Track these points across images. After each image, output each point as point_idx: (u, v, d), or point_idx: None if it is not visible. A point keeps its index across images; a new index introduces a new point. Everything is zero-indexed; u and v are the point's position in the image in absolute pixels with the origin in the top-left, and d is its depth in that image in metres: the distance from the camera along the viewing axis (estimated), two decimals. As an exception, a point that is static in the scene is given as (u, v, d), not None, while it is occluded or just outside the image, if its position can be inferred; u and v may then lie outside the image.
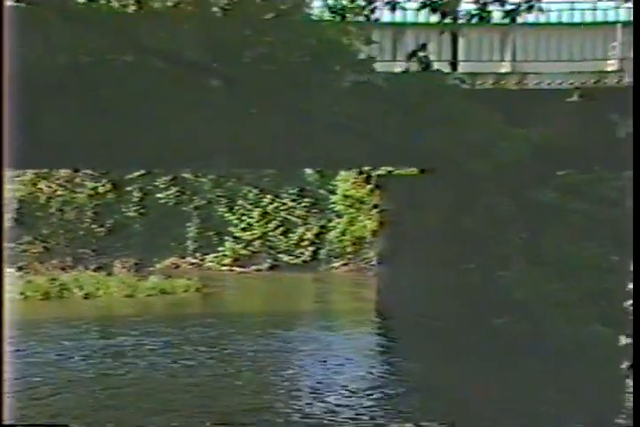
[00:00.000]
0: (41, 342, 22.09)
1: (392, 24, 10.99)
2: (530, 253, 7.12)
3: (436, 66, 15.01)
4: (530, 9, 8.14)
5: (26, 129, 12.28)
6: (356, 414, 15.14)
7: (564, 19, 16.34)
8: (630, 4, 8.11)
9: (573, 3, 15.19)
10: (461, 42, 15.36)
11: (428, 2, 8.16)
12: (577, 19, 16.22)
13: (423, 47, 7.90)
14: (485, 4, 8.21)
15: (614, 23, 15.40)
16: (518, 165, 6.91)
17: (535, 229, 7.08)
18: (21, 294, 29.04)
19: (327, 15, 8.80)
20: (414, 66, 12.72)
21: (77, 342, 21.78)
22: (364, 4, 8.20)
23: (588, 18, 15.59)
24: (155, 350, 20.81)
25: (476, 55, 16.41)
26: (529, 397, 14.74)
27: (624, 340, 6.95)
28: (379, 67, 12.28)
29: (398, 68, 14.91)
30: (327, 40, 7.83)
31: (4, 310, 5.29)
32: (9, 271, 32.75)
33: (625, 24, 13.56)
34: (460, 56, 16.42)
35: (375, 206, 28.03)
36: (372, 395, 16.34)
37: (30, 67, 8.37)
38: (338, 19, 8.57)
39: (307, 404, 15.75)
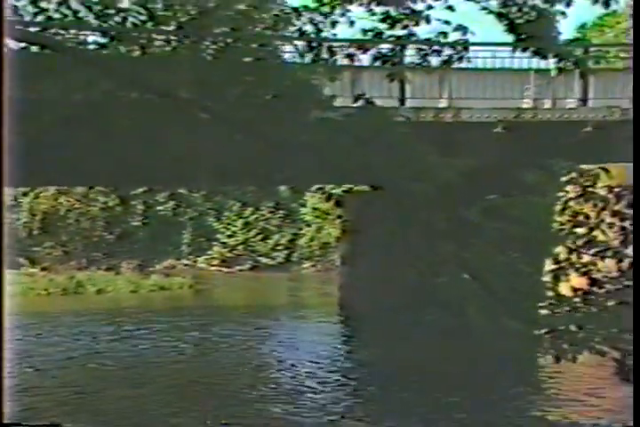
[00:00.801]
0: (59, 327, 22.24)
1: (352, 67, 11.04)
2: (457, 262, 7.16)
3: (388, 101, 15.20)
4: (460, 59, 8.24)
5: (47, 153, 12.28)
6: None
7: (489, 65, 16.58)
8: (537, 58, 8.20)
9: (495, 52, 15.38)
10: (409, 81, 15.48)
11: (378, 55, 8.28)
12: (498, 65, 16.46)
13: (362, 95, 7.94)
14: (426, 55, 8.31)
15: (528, 70, 15.63)
16: (451, 188, 6.95)
17: (462, 242, 7.12)
18: (45, 290, 29.02)
19: (298, 59, 8.84)
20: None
21: (87, 328, 21.99)
22: (327, 56, 8.31)
23: (507, 65, 15.79)
24: (149, 334, 21.06)
25: (419, 93, 16.57)
26: (447, 365, 15.21)
27: (534, 331, 7.02)
28: (340, 102, 12.40)
29: (356, 103, 15.06)
30: (297, 81, 7.85)
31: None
32: (33, 271, 32.67)
33: (537, 71, 13.75)
34: (407, 94, 16.58)
35: (339, 217, 28.07)
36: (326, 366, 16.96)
37: (50, 102, 8.36)
38: (308, 62, 8.63)
39: (264, 376, 16.15)
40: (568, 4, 7.47)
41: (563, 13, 7.59)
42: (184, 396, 14.38)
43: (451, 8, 7.89)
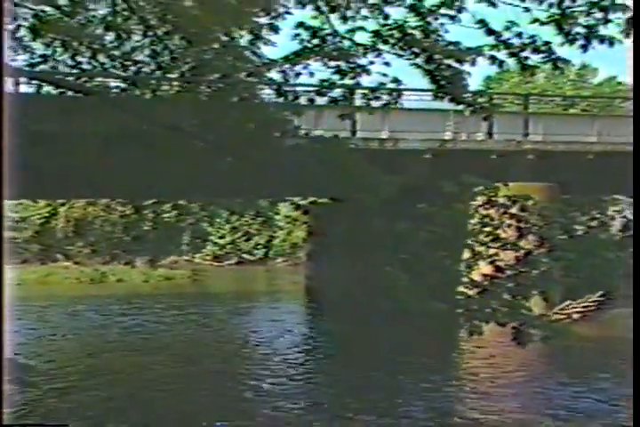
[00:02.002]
0: (86, 306, 22.37)
1: (314, 106, 11.05)
2: (396, 257, 7.20)
3: (342, 133, 15.22)
4: (396, 102, 8.36)
5: (77, 173, 12.21)
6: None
7: (419, 106, 16.70)
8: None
9: (423, 96, 15.46)
10: (358, 118, 15.52)
11: (333, 99, 8.39)
12: (426, 106, 16.57)
13: (308, 134, 7.98)
14: (369, 99, 8.42)
15: (448, 110, 15.78)
16: (391, 199, 7.00)
17: (399, 242, 7.15)
18: (77, 279, 28.88)
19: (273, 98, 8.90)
20: (327, 133, 12.96)
21: (107, 307, 22.19)
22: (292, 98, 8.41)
23: (432, 106, 15.83)
24: (154, 311, 21.37)
25: (366, 127, 16.65)
26: (385, 335, 15.68)
27: (455, 311, 7.03)
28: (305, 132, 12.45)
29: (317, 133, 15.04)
30: (273, 116, 7.85)
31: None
32: (68, 264, 32.32)
33: (455, 111, 13.84)
34: (358, 127, 16.64)
35: (305, 223, 28.08)
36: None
37: (79, 134, 8.29)
38: (281, 101, 8.69)
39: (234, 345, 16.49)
40: (473, 64, 7.63)
41: (468, 73, 7.77)
42: (167, 354, 15.02)
43: (387, 64, 8.01)
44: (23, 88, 9.62)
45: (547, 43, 7.37)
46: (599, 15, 6.89)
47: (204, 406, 11.23)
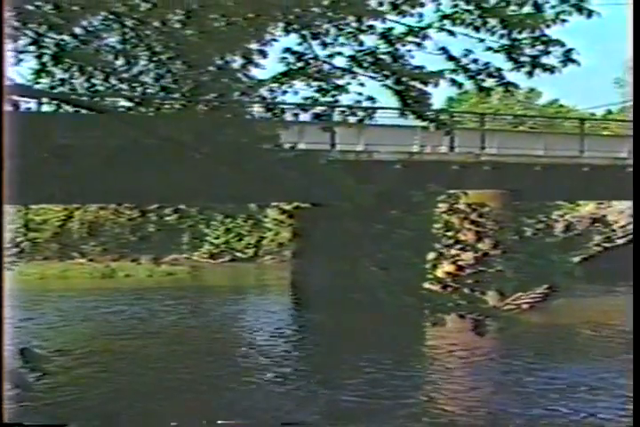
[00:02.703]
0: (97, 296, 22.44)
1: (299, 122, 10.98)
2: (371, 256, 7.17)
3: (323, 146, 15.14)
4: (370, 118, 8.38)
5: (90, 181, 12.09)
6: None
7: (390, 122, 16.67)
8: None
9: (394, 113, 15.36)
10: (337, 132, 15.40)
11: (315, 115, 8.39)
12: (396, 122, 16.51)
13: (294, 146, 7.93)
14: (347, 115, 8.43)
15: (415, 126, 15.75)
16: (366, 205, 6.95)
17: (374, 244, 7.11)
18: (90, 274, 28.78)
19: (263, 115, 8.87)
20: (309, 146, 12.93)
21: (116, 298, 22.35)
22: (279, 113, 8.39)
23: (402, 122, 15.72)
24: (155, 301, 21.57)
25: (344, 140, 16.60)
26: (358, 323, 15.65)
27: (423, 304, 6.99)
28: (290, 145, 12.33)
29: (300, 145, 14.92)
30: (262, 131, 7.77)
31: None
32: (82, 261, 32.05)
33: (422, 127, 13.79)
34: (337, 140, 16.58)
35: (290, 225, 28.01)
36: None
37: (92, 147, 8.15)
38: (269, 117, 8.67)
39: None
40: (436, 86, 7.69)
41: (431, 94, 7.85)
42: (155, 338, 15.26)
43: (362, 84, 8.07)
44: (45, 108, 9.58)
45: (498, 69, 7.56)
46: (541, 47, 7.12)
47: (178, 377, 11.80)
